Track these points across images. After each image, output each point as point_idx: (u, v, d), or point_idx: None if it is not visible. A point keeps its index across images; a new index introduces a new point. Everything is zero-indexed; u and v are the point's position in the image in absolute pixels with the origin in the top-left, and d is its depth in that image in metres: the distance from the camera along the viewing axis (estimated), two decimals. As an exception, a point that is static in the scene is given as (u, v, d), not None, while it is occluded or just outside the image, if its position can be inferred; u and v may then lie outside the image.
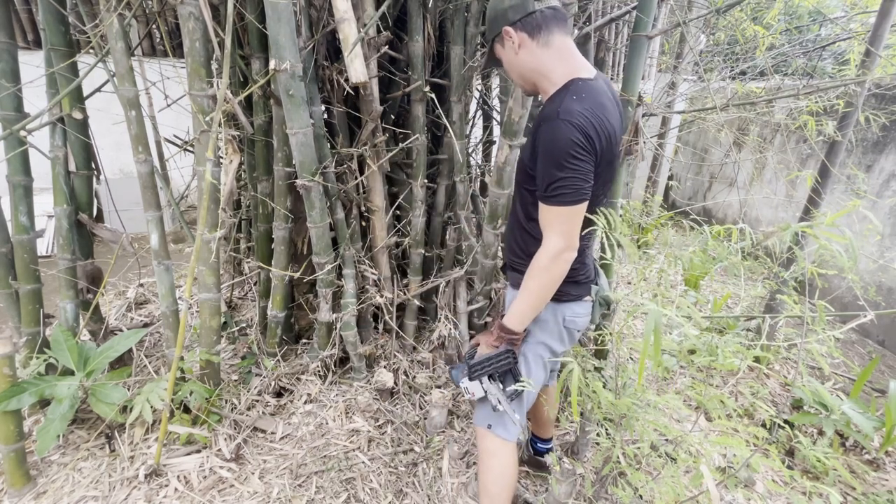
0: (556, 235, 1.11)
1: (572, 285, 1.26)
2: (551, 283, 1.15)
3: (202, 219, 1.52)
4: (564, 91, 1.10)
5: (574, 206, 1.08)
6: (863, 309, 1.14)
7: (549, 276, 1.13)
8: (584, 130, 1.04)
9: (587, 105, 1.06)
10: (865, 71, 2.08)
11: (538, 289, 1.16)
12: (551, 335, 1.31)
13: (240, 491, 1.63)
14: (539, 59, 1.14)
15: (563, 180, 1.05)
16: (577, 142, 1.03)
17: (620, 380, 1.40)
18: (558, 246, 1.10)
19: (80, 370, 1.66)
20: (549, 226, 1.12)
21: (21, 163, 1.72)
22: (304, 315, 2.30)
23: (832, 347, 1.18)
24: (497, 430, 1.35)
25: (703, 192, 5.29)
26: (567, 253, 1.11)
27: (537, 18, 1.10)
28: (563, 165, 1.04)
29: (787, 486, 1.82)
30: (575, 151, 1.03)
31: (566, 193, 1.06)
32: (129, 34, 1.59)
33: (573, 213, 1.09)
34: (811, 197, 2.34)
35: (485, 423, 1.37)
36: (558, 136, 1.04)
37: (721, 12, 2.04)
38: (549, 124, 1.06)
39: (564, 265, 1.13)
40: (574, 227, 1.11)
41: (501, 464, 1.37)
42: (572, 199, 1.07)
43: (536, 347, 1.32)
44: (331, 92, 1.82)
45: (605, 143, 1.08)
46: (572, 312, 1.30)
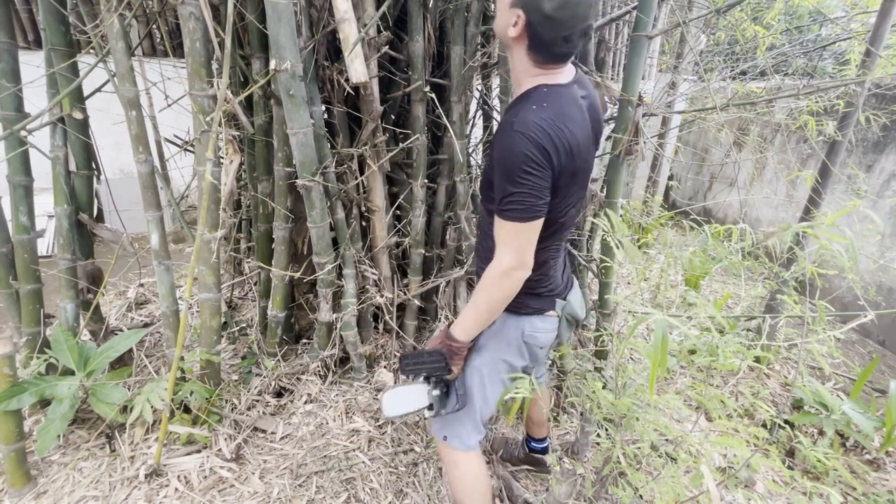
0: (507, 252, 1.05)
1: (533, 298, 1.21)
2: (500, 299, 1.10)
3: (202, 219, 1.52)
4: (525, 98, 1.05)
5: (525, 224, 1.03)
6: (863, 309, 1.14)
7: (498, 291, 1.09)
8: (539, 143, 0.97)
9: (547, 115, 0.99)
10: (866, 71, 2.08)
11: (485, 303, 1.12)
12: (509, 349, 1.25)
13: (240, 491, 1.63)
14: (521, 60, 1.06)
15: (514, 195, 1.00)
16: (530, 155, 0.97)
17: (620, 380, 1.40)
18: (509, 263, 1.05)
19: (81, 370, 1.66)
20: (501, 241, 1.07)
21: (21, 163, 1.72)
22: (304, 315, 2.30)
23: (832, 347, 1.18)
24: (452, 442, 1.30)
25: (703, 192, 5.29)
26: (518, 271, 1.06)
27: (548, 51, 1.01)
28: (516, 180, 0.99)
29: (788, 487, 1.82)
30: (528, 166, 0.98)
31: (517, 209, 1.01)
32: (130, 34, 1.59)
33: (525, 229, 1.04)
34: (811, 197, 2.34)
35: (440, 433, 1.33)
36: (511, 149, 0.99)
37: (721, 12, 2.04)
38: (504, 134, 1.01)
39: (514, 283, 1.08)
40: (526, 244, 1.06)
41: (464, 473, 1.32)
42: (523, 215, 1.01)
43: (493, 361, 1.26)
44: (331, 92, 1.82)
45: (564, 156, 1.01)
46: (532, 327, 1.23)
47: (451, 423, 1.30)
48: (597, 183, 2.07)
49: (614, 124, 1.83)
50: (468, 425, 1.29)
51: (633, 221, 4.12)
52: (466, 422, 1.29)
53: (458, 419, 1.29)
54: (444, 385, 1.26)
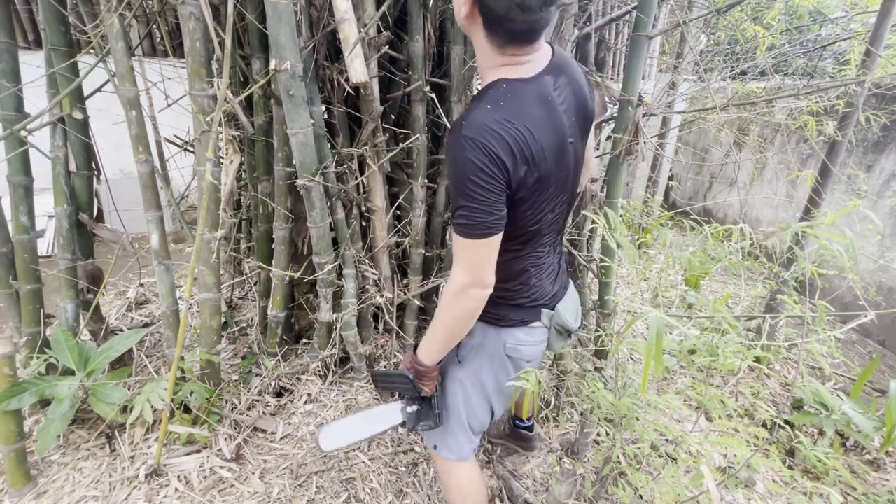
0: (460, 268, 0.96)
1: (512, 309, 1.13)
2: (458, 318, 1.01)
3: (202, 219, 1.52)
4: (481, 96, 0.93)
5: (477, 241, 0.92)
6: (863, 309, 1.14)
7: (454, 311, 1.00)
8: (491, 151, 0.86)
9: (501, 116, 0.87)
10: (866, 71, 2.08)
11: (444, 324, 1.03)
12: (491, 363, 1.18)
13: (240, 491, 1.63)
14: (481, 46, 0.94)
15: (464, 209, 0.90)
16: (480, 165, 0.86)
17: (620, 380, 1.40)
18: (462, 281, 0.96)
19: (81, 370, 1.66)
20: (456, 256, 0.97)
21: (21, 163, 1.72)
22: (304, 315, 2.30)
23: (833, 347, 1.18)
24: (442, 452, 1.28)
25: (703, 192, 5.29)
26: (474, 290, 0.96)
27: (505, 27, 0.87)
28: (465, 192, 0.88)
29: (788, 487, 1.82)
30: (477, 177, 0.86)
31: (468, 225, 0.91)
32: (130, 34, 1.59)
33: (478, 246, 0.93)
34: (811, 197, 2.34)
35: (431, 443, 1.31)
36: (460, 157, 0.87)
37: (721, 12, 2.04)
38: (453, 139, 0.90)
39: (472, 301, 0.98)
40: (481, 261, 0.95)
41: (459, 481, 1.31)
42: (474, 232, 0.91)
43: (476, 373, 1.21)
44: (331, 92, 1.82)
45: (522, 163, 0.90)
46: (515, 339, 1.15)
47: (441, 433, 1.28)
48: (597, 183, 2.07)
49: (614, 124, 1.83)
50: (459, 435, 1.27)
51: (633, 221, 4.12)
52: (457, 431, 1.27)
53: (448, 429, 1.27)
54: (422, 401, 1.22)
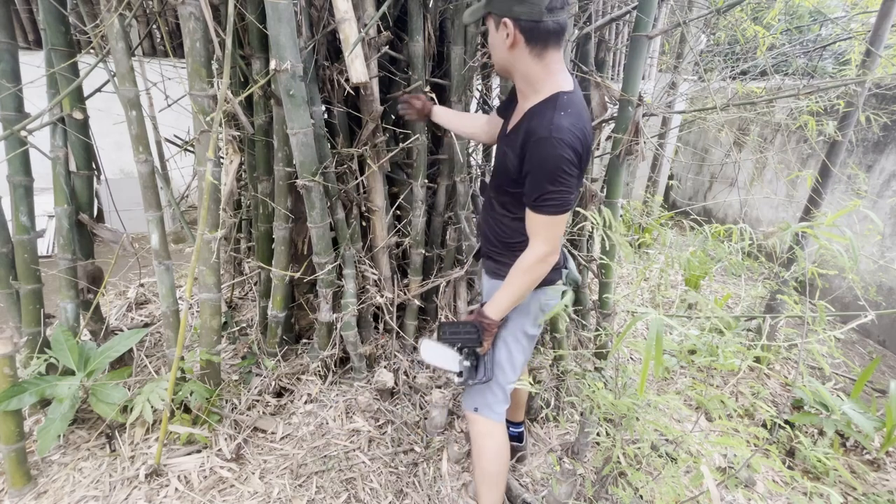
0: (542, 242, 1.20)
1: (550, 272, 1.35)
2: (533, 282, 1.25)
3: (203, 219, 1.52)
4: (552, 106, 1.14)
5: (561, 216, 1.17)
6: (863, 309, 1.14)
7: (532, 276, 1.24)
8: (574, 147, 1.10)
9: (573, 120, 1.11)
10: (866, 71, 2.08)
11: (521, 287, 1.26)
12: (527, 319, 1.38)
13: (240, 491, 1.63)
14: (527, 66, 1.16)
15: (552, 193, 1.13)
16: (568, 159, 1.10)
17: (620, 380, 1.40)
18: (544, 251, 1.20)
19: (81, 370, 1.66)
20: (536, 233, 1.21)
21: (22, 163, 1.72)
22: (304, 315, 2.30)
23: (833, 348, 1.18)
24: (483, 412, 1.42)
25: (703, 192, 5.28)
26: (551, 256, 1.21)
27: (541, 31, 1.10)
28: (555, 180, 1.12)
29: (788, 487, 1.82)
30: (566, 167, 1.10)
31: (555, 205, 1.14)
32: (130, 34, 1.59)
33: (559, 221, 1.18)
34: (812, 197, 2.34)
35: (471, 406, 1.44)
36: (551, 154, 1.10)
37: (721, 12, 2.04)
38: (542, 142, 1.11)
39: (547, 267, 1.23)
40: (558, 233, 1.21)
41: (495, 443, 1.43)
42: (559, 209, 1.15)
43: (516, 333, 1.39)
44: (331, 92, 1.82)
45: (585, 154, 1.16)
46: (546, 296, 1.37)
47: (482, 393, 1.42)
48: (597, 183, 2.07)
49: (614, 124, 1.83)
50: (499, 394, 1.41)
51: (633, 221, 4.12)
52: (497, 391, 1.41)
53: (489, 389, 1.41)
54: (474, 358, 1.37)
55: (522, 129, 1.18)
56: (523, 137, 1.16)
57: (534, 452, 1.92)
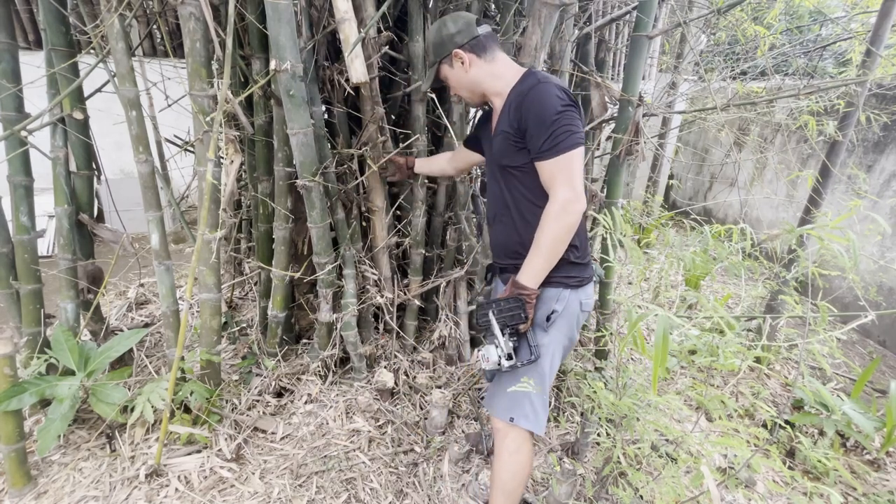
0: (560, 187, 1.14)
1: (584, 268, 1.31)
2: (564, 234, 1.16)
3: (203, 219, 1.52)
4: (527, 76, 1.24)
5: (571, 151, 1.14)
6: (863, 309, 1.14)
7: (560, 226, 1.14)
8: (563, 88, 1.17)
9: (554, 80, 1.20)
10: (866, 71, 2.08)
11: (552, 241, 1.16)
12: (569, 324, 1.32)
13: (240, 491, 1.63)
14: (487, 71, 1.29)
15: (557, 129, 1.12)
16: (560, 98, 1.14)
17: (621, 380, 1.40)
18: (565, 196, 1.14)
19: (81, 370, 1.66)
20: (552, 179, 1.16)
21: (22, 163, 1.72)
22: (304, 315, 2.30)
23: (833, 348, 1.18)
24: (521, 422, 1.29)
25: (703, 193, 5.28)
26: (574, 204, 1.14)
27: (481, 41, 1.27)
28: (555, 119, 1.13)
29: (788, 487, 1.82)
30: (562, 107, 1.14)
31: (563, 139, 1.12)
32: (130, 34, 1.59)
33: (572, 158, 1.14)
34: (812, 197, 2.34)
35: (505, 415, 1.30)
36: (545, 96, 1.15)
37: (722, 12, 2.04)
38: (533, 92, 1.17)
39: (575, 216, 1.15)
40: (576, 174, 1.15)
41: (522, 460, 1.33)
42: (570, 143, 1.13)
43: (558, 339, 1.32)
44: (331, 92, 1.82)
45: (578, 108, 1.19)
46: (586, 295, 1.33)
47: (519, 401, 1.28)
48: (597, 183, 2.07)
49: (615, 124, 1.83)
50: (537, 404, 1.29)
51: (634, 221, 4.12)
52: (535, 399, 1.28)
53: (527, 397, 1.27)
54: (516, 339, 1.25)
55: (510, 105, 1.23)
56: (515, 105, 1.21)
57: (534, 452, 1.92)
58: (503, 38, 1.88)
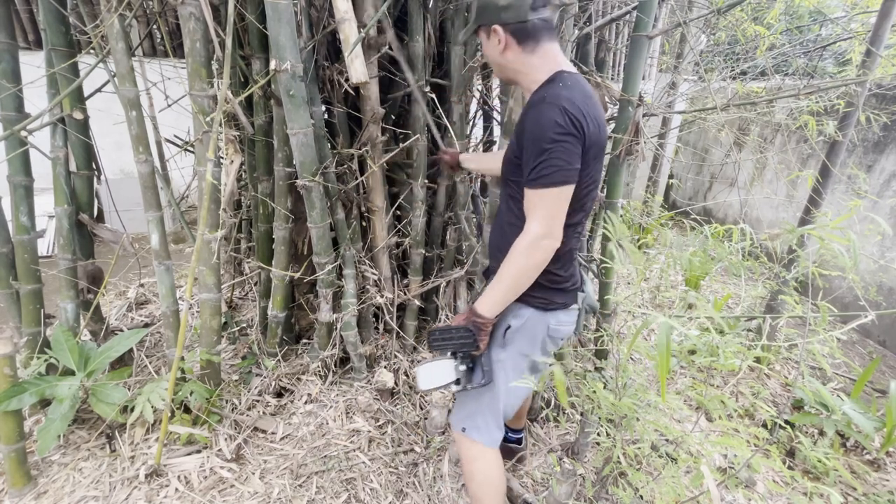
0: (536, 221, 1.07)
1: (559, 293, 1.23)
2: (528, 270, 1.10)
3: (203, 219, 1.52)
4: (550, 82, 1.11)
5: (557, 188, 1.04)
6: (863, 309, 1.14)
7: (527, 262, 1.09)
8: (570, 113, 1.02)
9: (574, 93, 1.06)
10: (866, 71, 2.08)
11: (514, 275, 1.11)
12: (532, 344, 1.27)
13: (240, 491, 1.63)
14: (522, 62, 1.15)
15: (546, 160, 1.03)
16: (561, 123, 1.02)
17: (621, 380, 1.40)
18: (536, 231, 1.06)
19: (81, 370, 1.66)
20: (531, 211, 1.08)
21: (22, 163, 1.72)
22: (304, 315, 2.30)
23: (833, 348, 1.18)
24: (472, 434, 1.29)
25: (703, 193, 5.28)
26: (546, 241, 1.07)
27: (528, 29, 1.10)
28: (546, 147, 1.03)
29: (788, 487, 1.82)
30: (560, 132, 1.02)
31: (549, 173, 1.03)
32: (130, 34, 1.59)
33: (556, 196, 1.05)
34: (812, 197, 2.33)
35: (458, 424, 1.32)
36: (544, 117, 1.03)
37: (722, 12, 2.04)
38: (536, 108, 1.06)
39: (544, 254, 1.08)
40: (557, 212, 1.07)
41: (482, 469, 1.31)
42: (555, 179, 1.03)
43: (516, 357, 1.27)
44: (331, 92, 1.82)
45: (593, 128, 1.06)
46: (557, 321, 1.26)
47: (472, 413, 1.30)
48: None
49: (615, 124, 1.82)
50: (489, 419, 1.28)
51: (634, 221, 4.12)
52: (488, 415, 1.29)
53: (480, 412, 1.29)
54: (469, 361, 1.26)
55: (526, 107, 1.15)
56: (519, 120, 1.13)
57: (534, 452, 1.92)
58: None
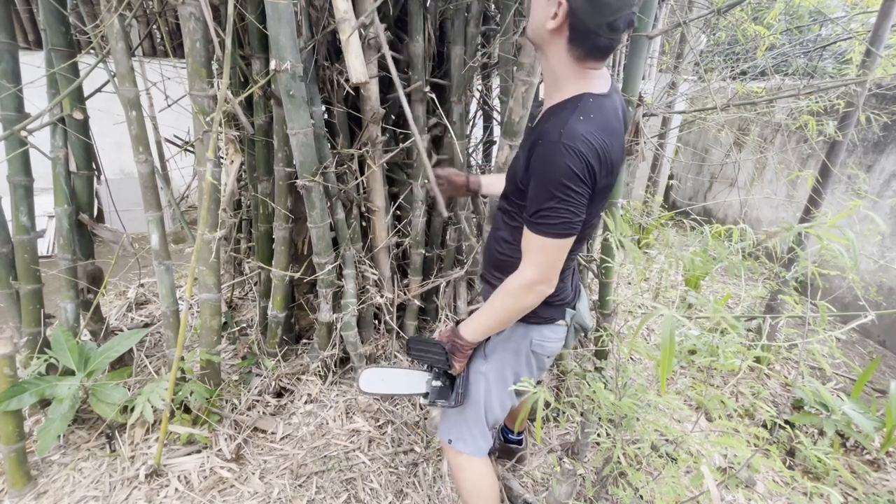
0: (532, 266, 1.02)
1: (543, 307, 1.16)
2: (516, 310, 1.09)
3: (203, 219, 1.52)
4: (571, 107, 0.98)
5: (558, 240, 0.99)
6: (863, 309, 1.14)
7: (516, 303, 1.07)
8: (586, 158, 0.92)
9: (593, 127, 0.94)
10: (866, 71, 2.08)
11: (501, 312, 1.10)
12: (517, 358, 1.24)
13: (240, 491, 1.63)
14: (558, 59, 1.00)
15: (552, 210, 0.95)
16: (575, 171, 0.92)
17: (621, 380, 1.40)
18: (532, 277, 1.03)
19: (81, 370, 1.66)
20: (529, 254, 1.03)
21: (22, 163, 1.72)
22: (304, 315, 2.30)
23: (833, 348, 1.18)
24: (457, 445, 1.28)
25: (703, 193, 5.28)
26: (541, 286, 1.04)
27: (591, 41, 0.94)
28: (555, 195, 0.94)
29: (788, 487, 1.82)
30: (571, 182, 0.93)
31: (552, 224, 0.96)
32: (130, 34, 1.59)
33: (556, 246, 1.00)
34: (812, 197, 2.33)
35: (445, 435, 1.31)
36: (556, 162, 0.93)
37: (721, 12, 2.04)
38: (549, 146, 0.95)
39: (535, 298, 1.06)
40: (555, 261, 1.02)
41: (471, 479, 1.31)
42: (557, 231, 0.97)
43: (500, 369, 1.24)
44: (331, 92, 1.83)
45: (604, 170, 0.97)
46: (541, 336, 1.21)
47: (457, 424, 1.29)
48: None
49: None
50: (474, 430, 1.28)
51: (634, 221, 4.11)
52: (473, 426, 1.28)
53: (465, 422, 1.28)
54: (447, 379, 1.26)
55: (537, 129, 1.04)
56: (533, 140, 1.01)
57: (534, 452, 1.92)
58: (503, 39, 1.88)
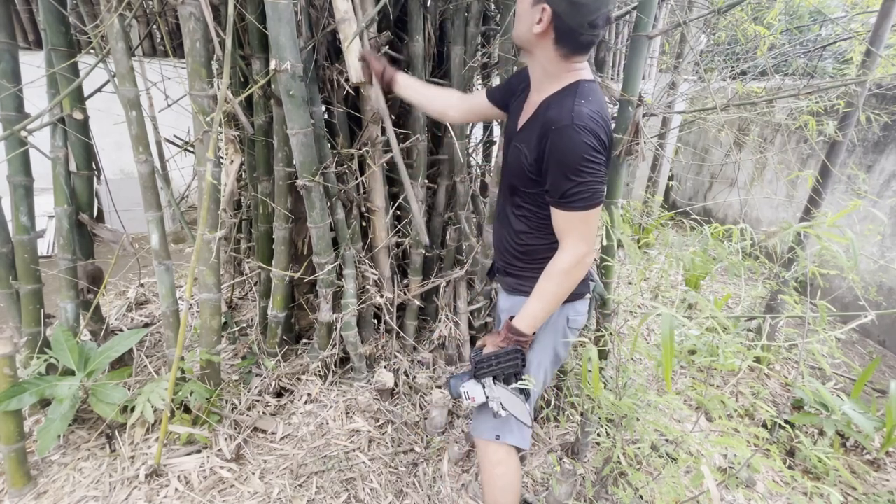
0: (576, 240, 1.11)
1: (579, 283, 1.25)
2: (570, 287, 1.16)
3: (203, 219, 1.52)
4: (571, 94, 1.09)
5: (593, 210, 1.09)
6: (863, 309, 1.14)
7: (570, 280, 1.14)
8: (597, 133, 1.05)
9: (594, 108, 1.06)
10: (866, 71, 2.08)
11: (556, 292, 1.16)
12: (556, 338, 1.30)
13: (240, 491, 1.63)
14: (547, 58, 1.11)
15: (581, 185, 1.06)
16: (591, 146, 1.04)
17: (621, 380, 1.40)
18: (581, 250, 1.11)
19: (81, 370, 1.66)
20: (569, 232, 1.12)
21: (22, 163, 1.72)
22: (304, 315, 2.30)
23: (833, 348, 1.18)
24: (507, 439, 1.31)
25: (703, 193, 5.28)
26: (589, 257, 1.13)
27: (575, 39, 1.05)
28: (581, 170, 1.05)
29: (788, 487, 1.82)
30: (591, 156, 1.04)
31: (585, 197, 1.07)
32: (130, 34, 1.59)
33: (592, 216, 1.10)
34: (812, 197, 2.34)
35: (492, 434, 1.32)
36: (574, 143, 1.04)
37: (722, 12, 2.04)
38: (563, 130, 1.05)
39: (584, 270, 1.14)
40: (593, 229, 1.13)
41: (507, 473, 1.33)
42: (591, 202, 1.08)
43: (543, 352, 1.31)
44: (331, 92, 1.82)
45: (609, 142, 1.11)
46: (575, 311, 1.30)
47: (506, 421, 1.30)
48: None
49: (614, 124, 1.82)
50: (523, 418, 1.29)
51: (634, 221, 4.12)
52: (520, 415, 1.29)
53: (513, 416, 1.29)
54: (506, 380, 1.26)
55: (539, 121, 1.12)
56: (541, 130, 1.10)
57: (534, 452, 1.92)
58: (503, 38, 1.88)
